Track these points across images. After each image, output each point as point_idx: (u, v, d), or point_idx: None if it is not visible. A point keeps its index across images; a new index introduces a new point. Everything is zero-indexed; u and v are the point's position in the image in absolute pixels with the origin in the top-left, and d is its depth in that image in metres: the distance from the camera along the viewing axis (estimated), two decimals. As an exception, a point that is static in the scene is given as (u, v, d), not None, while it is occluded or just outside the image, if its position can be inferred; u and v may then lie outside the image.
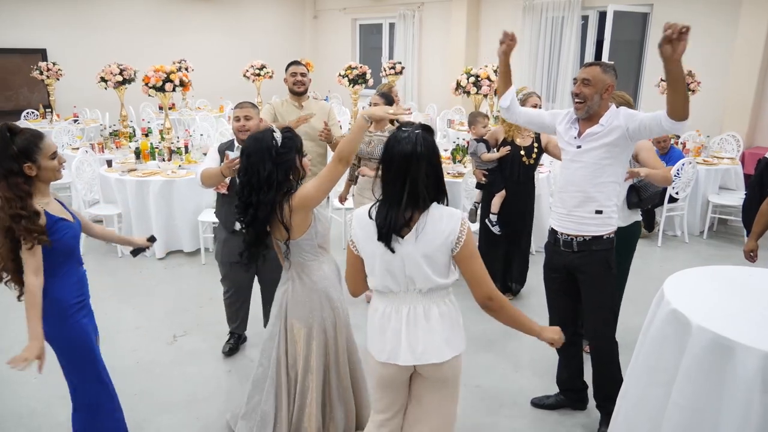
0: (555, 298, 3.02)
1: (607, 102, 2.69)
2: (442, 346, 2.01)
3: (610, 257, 2.80)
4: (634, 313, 4.15)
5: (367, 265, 2.05)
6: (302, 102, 4.29)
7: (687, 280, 2.22)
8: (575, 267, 2.82)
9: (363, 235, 2.01)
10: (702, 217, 6.33)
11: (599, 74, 2.64)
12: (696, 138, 7.31)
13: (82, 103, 10.19)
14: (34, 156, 2.21)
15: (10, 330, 4.03)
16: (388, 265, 1.98)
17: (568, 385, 3.15)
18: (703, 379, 1.83)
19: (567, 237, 2.80)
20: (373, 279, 2.04)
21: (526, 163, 4.26)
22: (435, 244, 1.94)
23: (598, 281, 2.79)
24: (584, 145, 2.70)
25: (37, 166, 2.22)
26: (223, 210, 3.42)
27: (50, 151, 2.26)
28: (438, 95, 11.42)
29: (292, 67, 4.29)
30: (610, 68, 2.69)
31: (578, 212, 2.74)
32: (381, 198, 2.00)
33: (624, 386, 2.30)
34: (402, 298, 2.02)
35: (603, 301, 2.82)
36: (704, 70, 7.56)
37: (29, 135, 2.24)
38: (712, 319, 1.87)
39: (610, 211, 2.73)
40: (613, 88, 2.67)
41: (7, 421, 3.05)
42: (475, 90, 5.95)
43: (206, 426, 3.04)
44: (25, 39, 10.39)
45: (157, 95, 5.89)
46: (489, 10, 10.86)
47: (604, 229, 2.74)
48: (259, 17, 13.48)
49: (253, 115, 3.30)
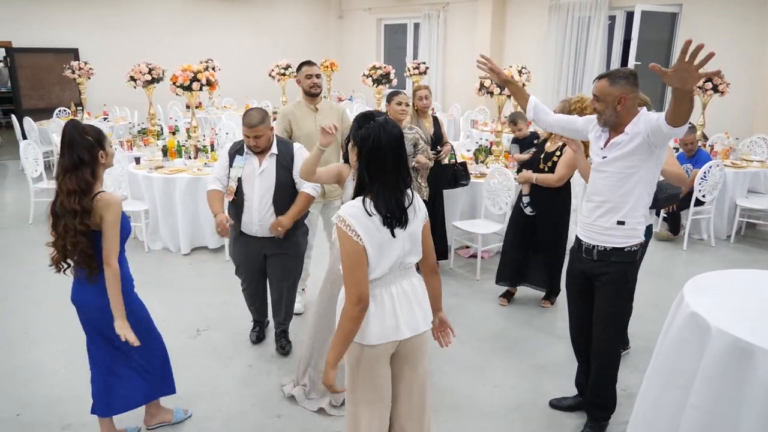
0: (574, 303, 3.02)
1: (628, 111, 2.58)
2: (427, 313, 2.20)
3: (630, 271, 2.75)
4: (657, 317, 4.11)
5: (372, 260, 2.03)
6: (317, 104, 4.09)
7: (707, 283, 2.20)
8: (593, 275, 2.80)
9: (365, 232, 1.99)
10: (729, 221, 6.22)
11: (606, 88, 2.58)
12: (724, 140, 7.18)
13: (112, 101, 10.42)
14: (104, 144, 2.49)
15: (43, 321, 4.16)
16: (389, 251, 2.04)
17: (585, 388, 3.14)
18: (722, 382, 1.82)
19: (589, 245, 2.78)
20: (375, 270, 2.05)
21: (541, 167, 4.15)
22: (419, 218, 2.14)
23: (611, 293, 2.76)
24: (609, 155, 2.65)
25: (105, 153, 2.49)
26: (232, 212, 3.44)
27: (109, 140, 2.56)
28: (462, 95, 11.40)
29: (306, 68, 4.06)
30: (622, 77, 2.57)
31: (600, 222, 2.70)
32: (376, 189, 2.00)
33: (642, 388, 2.29)
34: (389, 279, 2.10)
35: (613, 313, 2.79)
36: (734, 71, 7.41)
37: (96, 127, 2.52)
38: (731, 322, 1.86)
39: (635, 222, 2.65)
40: (626, 98, 2.55)
41: (37, 408, 3.16)
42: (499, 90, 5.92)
43: (228, 418, 3.11)
44: (58, 39, 10.68)
45: (184, 94, 5.99)
46: (515, 9, 10.80)
47: (625, 241, 2.68)
48: (284, 17, 13.61)
49: (263, 132, 3.23)
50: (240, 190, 3.34)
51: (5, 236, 6.06)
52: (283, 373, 3.53)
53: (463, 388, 3.40)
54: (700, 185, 5.70)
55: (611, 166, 2.65)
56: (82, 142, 2.41)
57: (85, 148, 2.41)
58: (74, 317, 2.71)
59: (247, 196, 3.34)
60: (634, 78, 2.59)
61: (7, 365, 3.59)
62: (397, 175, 2.04)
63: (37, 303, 4.44)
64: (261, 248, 3.48)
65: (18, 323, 4.14)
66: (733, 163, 6.43)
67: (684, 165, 6.02)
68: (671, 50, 8.92)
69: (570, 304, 3.07)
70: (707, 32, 8.28)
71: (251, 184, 3.33)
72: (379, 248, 2.02)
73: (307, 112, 4.08)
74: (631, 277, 2.78)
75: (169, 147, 6.16)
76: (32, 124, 8.52)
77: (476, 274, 5.01)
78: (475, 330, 4.10)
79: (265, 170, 3.33)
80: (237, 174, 3.34)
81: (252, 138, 3.25)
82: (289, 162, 3.38)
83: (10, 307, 4.39)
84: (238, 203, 3.38)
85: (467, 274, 5.13)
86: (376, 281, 2.07)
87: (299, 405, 3.19)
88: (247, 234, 3.43)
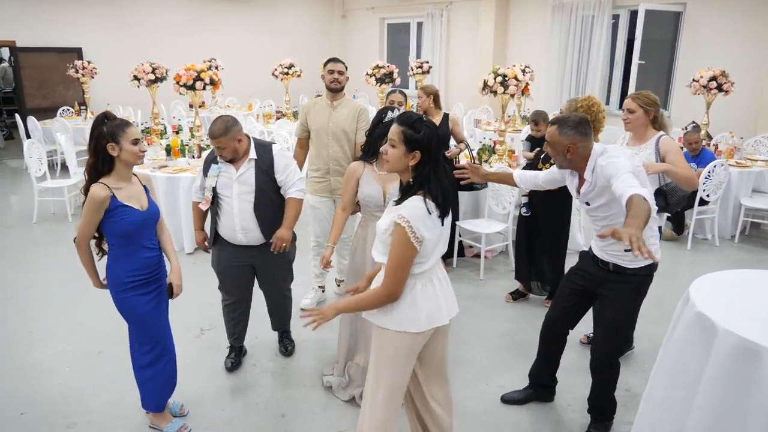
0: (567, 294, 2.97)
1: (579, 158, 2.57)
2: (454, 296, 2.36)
3: (644, 284, 2.71)
4: (661, 317, 4.10)
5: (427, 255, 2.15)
6: (336, 101, 4.12)
7: (713, 283, 2.19)
8: (603, 281, 2.75)
9: (428, 230, 2.09)
10: (734, 221, 6.19)
11: (555, 136, 2.57)
12: (729, 139, 7.16)
13: (115, 100, 10.41)
14: (117, 138, 2.52)
15: (47, 320, 4.17)
16: (440, 242, 2.19)
17: (538, 379, 3.18)
18: (728, 383, 1.81)
19: (603, 260, 2.75)
20: (427, 262, 2.17)
21: (539, 167, 4.12)
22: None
23: (621, 301, 2.71)
24: (590, 203, 2.68)
25: (119, 147, 2.52)
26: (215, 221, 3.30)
27: (132, 137, 2.56)
28: (465, 95, 11.39)
29: (330, 64, 4.13)
30: (570, 127, 2.53)
31: (611, 248, 2.68)
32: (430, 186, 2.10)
33: (648, 388, 2.28)
34: (434, 268, 2.24)
35: (620, 321, 2.76)
36: (738, 70, 7.38)
37: (119, 121, 2.58)
38: (738, 322, 1.85)
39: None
40: (575, 147, 2.53)
41: (41, 407, 3.16)
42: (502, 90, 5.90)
43: (232, 417, 3.11)
44: (62, 38, 10.69)
45: (187, 93, 6.00)
46: (518, 8, 10.78)
47: (636, 263, 2.64)
48: (288, 16, 13.61)
49: (225, 143, 3.05)
50: (217, 199, 3.21)
51: (9, 235, 6.07)
52: (287, 372, 3.54)
53: (467, 388, 3.39)
54: (704, 185, 5.68)
55: (597, 212, 2.68)
56: (95, 131, 2.53)
57: (94, 137, 2.53)
58: (77, 317, 2.72)
59: (225, 202, 3.19)
60: (582, 126, 2.55)
61: (11, 364, 3.60)
62: (444, 170, 2.17)
63: (40, 302, 4.45)
64: (249, 258, 3.32)
65: (22, 322, 4.14)
66: (738, 162, 6.40)
67: (689, 164, 6.00)
68: (675, 49, 8.89)
69: (560, 296, 3.01)
70: (711, 31, 8.26)
71: (229, 190, 3.16)
72: (436, 241, 2.15)
73: (323, 107, 4.13)
74: (644, 290, 2.73)
75: (172, 146, 6.16)
76: (36, 123, 8.54)
77: (480, 273, 5.01)
78: (479, 330, 4.09)
79: (243, 175, 3.15)
80: (211, 183, 3.19)
81: (216, 149, 3.10)
82: (269, 166, 3.20)
83: (15, 306, 4.40)
84: (213, 213, 3.28)
85: (470, 274, 5.12)
86: (426, 272, 2.19)
87: (333, 394, 3.28)
88: (232, 244, 3.27)
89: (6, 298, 4.56)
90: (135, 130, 2.61)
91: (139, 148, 2.59)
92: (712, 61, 7.37)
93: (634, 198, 2.10)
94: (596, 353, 2.84)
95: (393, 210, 2.14)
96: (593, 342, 2.93)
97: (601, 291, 2.78)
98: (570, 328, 3.05)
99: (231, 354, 3.62)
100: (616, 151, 2.55)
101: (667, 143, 3.26)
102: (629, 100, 3.33)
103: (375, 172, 3.01)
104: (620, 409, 3.01)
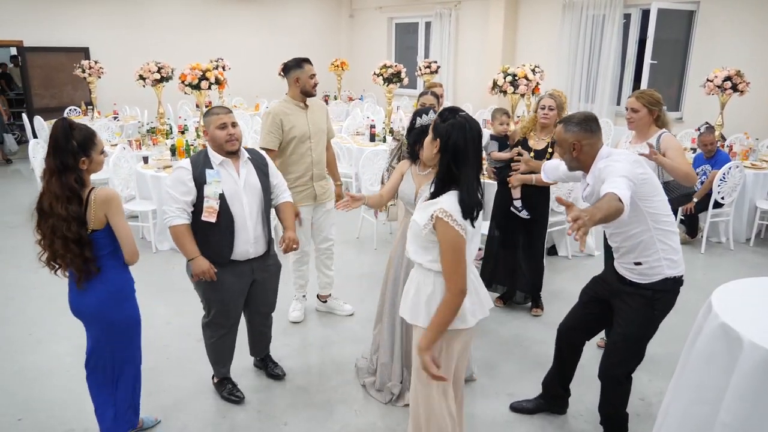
0: (584, 302, 2.87)
1: (586, 156, 2.51)
2: None
3: (660, 300, 2.53)
4: (676, 322, 3.98)
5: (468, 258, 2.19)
6: (308, 102, 3.83)
7: (737, 292, 2.08)
8: (618, 293, 2.64)
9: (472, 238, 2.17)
10: (749, 224, 6.06)
11: (561, 134, 2.54)
12: (744, 141, 7.02)
13: (122, 100, 10.42)
14: (89, 151, 2.35)
15: (48, 322, 4.11)
16: (473, 240, 2.19)
17: (550, 388, 3.07)
18: (755, 398, 1.71)
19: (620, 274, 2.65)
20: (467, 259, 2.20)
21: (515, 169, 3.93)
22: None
23: (633, 315, 2.57)
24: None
25: (90, 160, 2.37)
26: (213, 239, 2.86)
27: (101, 147, 2.43)
28: (474, 95, 11.28)
29: (309, 67, 3.75)
30: (575, 124, 2.49)
31: (622, 260, 2.60)
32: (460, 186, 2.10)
33: (666, 401, 2.18)
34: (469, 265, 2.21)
35: (630, 336, 2.59)
36: (753, 70, 7.24)
37: (86, 131, 2.38)
38: (765, 335, 1.74)
39: (653, 260, 2.47)
40: (581, 144, 2.48)
41: (39, 412, 3.10)
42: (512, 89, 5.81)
43: (233, 425, 3.03)
44: (69, 38, 10.68)
45: (193, 93, 5.95)
46: (528, 8, 10.66)
47: (647, 278, 2.51)
48: (295, 16, 13.56)
49: (237, 120, 2.86)
50: (224, 212, 2.81)
51: (14, 236, 6.03)
52: (289, 378, 3.46)
53: (475, 396, 3.30)
54: (719, 187, 5.55)
55: None
56: (66, 147, 2.30)
57: (69, 153, 2.31)
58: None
59: (237, 216, 2.83)
60: (588, 123, 2.50)
61: (11, 366, 3.54)
62: (477, 170, 2.14)
63: (43, 303, 4.39)
64: (251, 273, 2.99)
65: (23, 323, 4.09)
66: (753, 164, 6.26)
67: (702, 166, 5.88)
68: (688, 49, 8.74)
69: (578, 304, 2.91)
70: (725, 30, 8.11)
71: (239, 202, 2.84)
72: (471, 239, 2.15)
73: (298, 112, 3.78)
74: (660, 306, 2.55)
75: (177, 146, 6.10)
76: (42, 123, 8.51)
77: (488, 276, 4.90)
78: (486, 333, 3.99)
79: (246, 181, 2.88)
80: (216, 190, 2.76)
81: (230, 126, 2.78)
82: (265, 165, 3.00)
83: (17, 307, 4.35)
84: (223, 227, 2.82)
85: (479, 277, 5.02)
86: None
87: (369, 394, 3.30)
88: (235, 261, 2.91)
89: (8, 298, 4.51)
90: (100, 138, 2.47)
91: (104, 156, 2.47)
92: (725, 60, 7.24)
93: (607, 194, 2.10)
94: (604, 367, 2.72)
95: (429, 205, 2.14)
96: (603, 355, 2.77)
97: (616, 302, 2.66)
98: (586, 338, 2.93)
99: (228, 385, 3.24)
100: (620, 155, 2.44)
101: (668, 140, 3.26)
102: (633, 99, 3.33)
103: (415, 171, 3.03)
104: (634, 418, 2.91)
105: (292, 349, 3.80)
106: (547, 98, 3.96)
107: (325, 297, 4.32)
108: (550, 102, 3.93)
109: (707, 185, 5.66)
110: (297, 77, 3.73)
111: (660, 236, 2.45)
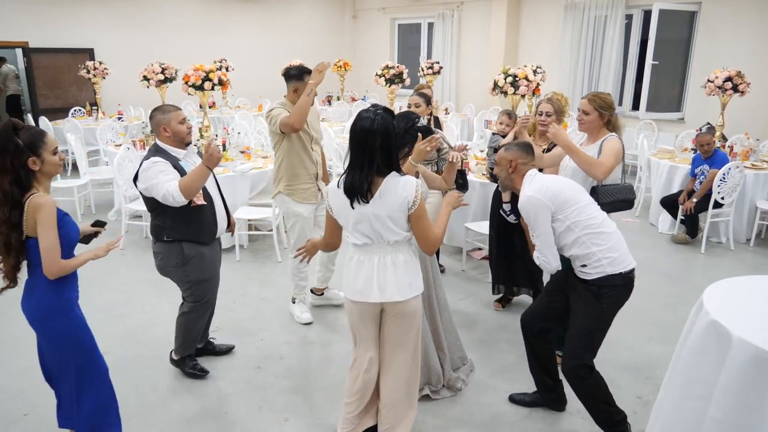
0: (549, 290, 3.02)
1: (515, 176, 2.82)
2: (405, 288, 2.52)
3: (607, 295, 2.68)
4: (675, 321, 4.02)
5: (343, 226, 2.54)
6: None
7: (728, 290, 2.12)
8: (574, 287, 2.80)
9: (336, 202, 2.48)
10: (749, 224, 6.08)
11: (501, 153, 2.86)
12: (744, 141, 7.03)
13: (126, 101, 10.48)
14: (38, 150, 2.29)
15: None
16: (358, 224, 2.44)
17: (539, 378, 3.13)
18: (744, 394, 1.74)
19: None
20: (351, 236, 2.51)
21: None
22: (395, 205, 2.40)
23: (584, 307, 2.74)
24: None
25: (41, 160, 2.30)
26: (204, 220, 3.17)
27: (53, 146, 2.36)
28: (476, 95, 11.32)
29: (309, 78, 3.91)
30: (516, 145, 2.86)
31: (574, 264, 2.78)
32: (348, 166, 2.42)
33: (659, 397, 2.22)
34: (374, 249, 2.50)
35: (582, 329, 2.73)
36: (754, 71, 7.27)
37: (34, 131, 2.34)
38: (754, 331, 1.78)
39: (593, 261, 2.66)
40: (516, 163, 2.79)
41: (44, 408, 3.13)
42: (513, 90, 5.85)
43: (235, 420, 3.08)
44: (74, 39, 10.75)
45: (196, 94, 6.00)
46: (530, 8, 10.70)
47: (591, 276, 2.69)
48: (298, 17, 13.61)
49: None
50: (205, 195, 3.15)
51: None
52: (290, 374, 3.50)
53: (476, 393, 3.34)
54: (719, 187, 5.58)
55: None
56: (7, 147, 2.22)
57: (9, 153, 2.22)
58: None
59: (214, 197, 3.24)
60: (526, 148, 2.84)
61: (17, 363, 3.59)
62: (362, 158, 2.38)
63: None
64: (220, 249, 3.44)
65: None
66: (753, 164, 6.28)
67: (700, 166, 5.90)
68: (690, 49, 8.76)
69: (543, 293, 3.10)
70: (727, 31, 8.13)
71: (209, 185, 3.19)
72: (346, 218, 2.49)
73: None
74: (610, 301, 2.69)
75: (181, 146, 6.14)
76: (47, 123, 8.59)
77: (489, 276, 4.93)
78: (489, 332, 4.03)
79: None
80: None
81: (186, 124, 3.10)
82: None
83: (22, 306, 4.39)
84: (208, 208, 3.18)
85: (480, 276, 5.06)
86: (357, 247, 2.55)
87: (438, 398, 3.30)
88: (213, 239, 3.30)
89: (14, 297, 4.55)
90: (52, 137, 2.39)
91: (59, 158, 2.38)
92: (727, 61, 7.25)
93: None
94: (567, 353, 2.79)
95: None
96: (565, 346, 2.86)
97: (571, 295, 2.82)
98: (548, 326, 3.02)
99: (192, 362, 3.46)
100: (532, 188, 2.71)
101: (610, 142, 3.22)
102: (585, 102, 3.30)
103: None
104: (631, 416, 2.94)
105: (293, 346, 3.85)
106: (545, 103, 3.88)
107: (321, 290, 4.40)
108: (548, 107, 3.85)
109: (706, 185, 5.68)
110: (296, 88, 3.94)
111: (591, 239, 2.65)
